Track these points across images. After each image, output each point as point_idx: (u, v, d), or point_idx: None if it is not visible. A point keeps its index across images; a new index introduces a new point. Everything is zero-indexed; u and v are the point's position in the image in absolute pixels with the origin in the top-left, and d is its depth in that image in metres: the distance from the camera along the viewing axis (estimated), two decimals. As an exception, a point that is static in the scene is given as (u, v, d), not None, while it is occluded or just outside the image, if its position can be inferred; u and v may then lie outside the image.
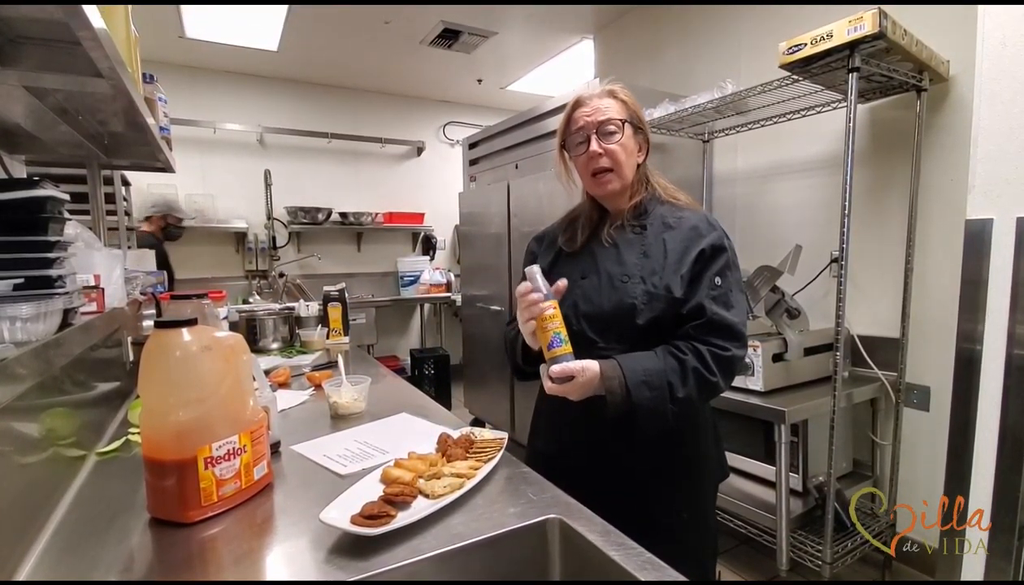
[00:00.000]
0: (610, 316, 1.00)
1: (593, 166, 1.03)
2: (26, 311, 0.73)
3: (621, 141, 1.01)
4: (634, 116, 1.04)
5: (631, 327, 0.98)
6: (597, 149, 1.01)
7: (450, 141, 5.15)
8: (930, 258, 1.93)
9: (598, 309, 1.02)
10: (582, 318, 1.02)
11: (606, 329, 1.01)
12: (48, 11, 0.79)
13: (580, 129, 1.03)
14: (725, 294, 0.98)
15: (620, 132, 1.01)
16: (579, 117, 1.03)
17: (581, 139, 1.03)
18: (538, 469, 0.92)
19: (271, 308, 2.15)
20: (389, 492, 0.76)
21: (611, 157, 1.01)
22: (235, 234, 4.31)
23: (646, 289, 0.99)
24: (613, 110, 1.02)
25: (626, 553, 0.66)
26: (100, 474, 0.94)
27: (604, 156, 1.01)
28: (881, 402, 2.06)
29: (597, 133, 1.01)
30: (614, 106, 1.03)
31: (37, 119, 1.21)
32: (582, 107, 1.04)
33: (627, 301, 0.99)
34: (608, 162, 1.01)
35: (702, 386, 0.93)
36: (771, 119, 2.22)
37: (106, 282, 1.24)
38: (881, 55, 1.65)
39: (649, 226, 1.05)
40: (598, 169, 1.02)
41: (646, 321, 0.98)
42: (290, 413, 1.30)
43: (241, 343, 0.86)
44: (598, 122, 1.01)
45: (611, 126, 1.01)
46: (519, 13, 3.28)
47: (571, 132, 1.05)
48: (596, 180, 1.04)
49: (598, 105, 1.02)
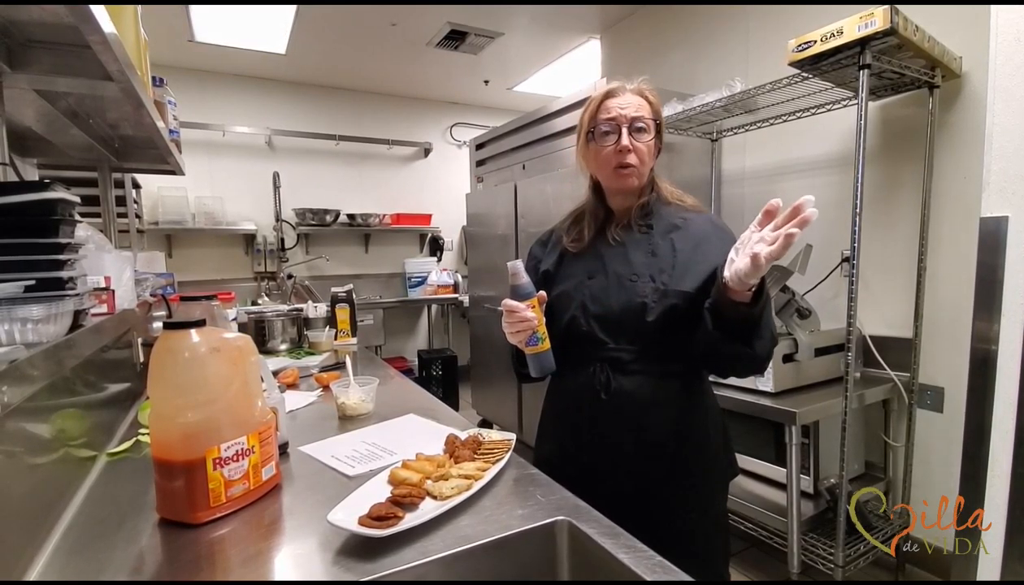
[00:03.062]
0: (620, 316, 1.00)
1: (620, 159, 1.01)
2: (37, 313, 0.73)
3: (649, 141, 1.01)
4: (659, 118, 1.04)
5: (642, 326, 0.98)
6: (627, 144, 1.00)
7: (457, 142, 5.15)
8: (943, 257, 1.90)
9: (607, 309, 1.01)
10: (592, 319, 1.02)
11: (616, 329, 1.00)
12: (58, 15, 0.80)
13: (611, 119, 1.01)
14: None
15: (650, 133, 1.01)
16: (611, 107, 1.02)
17: (611, 129, 1.01)
18: (546, 472, 0.92)
19: (279, 309, 2.16)
20: (397, 493, 0.75)
21: (638, 154, 1.01)
22: (244, 236, 4.34)
23: (655, 287, 0.98)
24: (645, 109, 1.02)
25: (636, 556, 0.65)
26: (110, 475, 0.95)
27: (632, 152, 1.00)
28: (893, 403, 2.03)
29: (630, 128, 1.00)
30: (645, 105, 1.02)
31: (49, 122, 1.22)
32: (615, 98, 1.02)
33: (637, 300, 0.98)
34: (635, 159, 1.01)
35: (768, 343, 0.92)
36: (780, 117, 2.20)
37: (116, 284, 1.25)
38: (892, 52, 1.63)
39: (655, 226, 1.04)
40: (624, 163, 1.01)
41: (656, 318, 0.97)
42: (298, 414, 1.30)
43: (249, 344, 0.86)
44: (631, 118, 1.00)
45: (643, 124, 1.00)
46: (525, 14, 3.28)
47: (600, 121, 1.02)
48: (618, 173, 1.03)
49: (632, 101, 1.01)
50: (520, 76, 4.43)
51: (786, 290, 1.94)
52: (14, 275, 0.73)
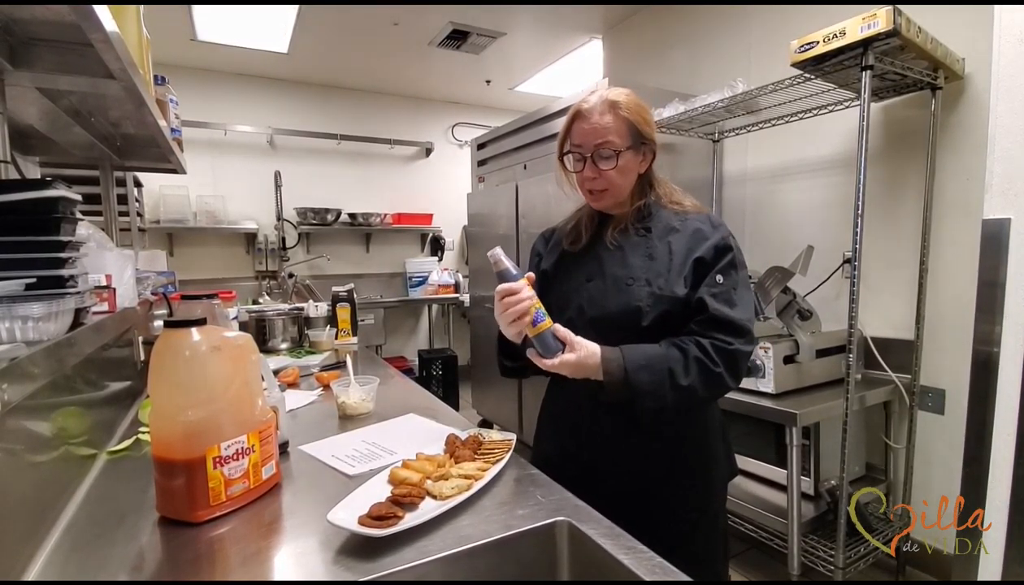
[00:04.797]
0: (616, 319, 1.00)
1: (587, 186, 1.03)
2: (38, 311, 0.73)
3: (613, 168, 0.99)
4: (636, 132, 1.00)
5: (637, 330, 0.98)
6: (591, 174, 1.00)
7: (458, 142, 5.15)
8: (945, 259, 1.90)
9: (604, 312, 1.01)
10: (588, 322, 1.02)
11: (612, 332, 1.00)
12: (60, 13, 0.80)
13: (578, 147, 1.01)
14: (728, 291, 0.96)
15: (614, 159, 0.98)
16: (576, 132, 1.00)
17: (578, 157, 1.01)
18: (545, 471, 0.91)
19: (280, 308, 2.16)
20: (397, 493, 0.75)
21: (605, 179, 1.00)
22: (245, 235, 4.34)
23: (651, 291, 0.98)
24: (613, 131, 0.97)
25: (636, 557, 0.65)
26: (110, 473, 0.95)
27: (598, 179, 1.00)
28: (895, 405, 2.03)
29: (593, 156, 0.99)
30: (614, 126, 0.98)
31: (51, 121, 1.22)
32: (581, 122, 1.00)
33: (632, 304, 0.99)
34: (603, 184, 1.01)
35: (706, 376, 0.91)
36: (782, 118, 2.20)
37: (118, 282, 1.25)
38: (895, 53, 1.63)
39: (654, 228, 1.04)
40: (592, 189, 1.02)
41: (651, 323, 0.97)
42: (298, 413, 1.30)
43: (250, 343, 0.86)
44: (595, 145, 0.98)
45: (607, 151, 0.98)
46: (528, 14, 3.28)
47: (569, 145, 1.03)
48: (590, 196, 1.05)
49: (598, 123, 0.98)
50: (522, 76, 4.43)
51: (787, 291, 1.94)
52: (15, 273, 0.73)
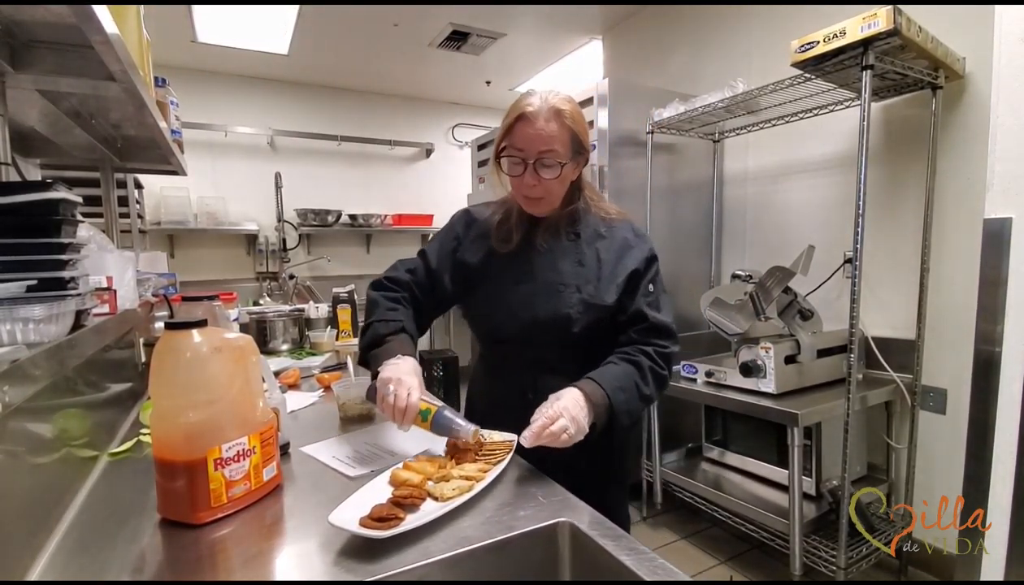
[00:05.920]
0: (546, 324, 1.03)
1: (525, 192, 1.01)
2: (39, 312, 0.73)
3: (554, 178, 0.99)
4: (577, 142, 1.00)
5: (566, 335, 1.02)
6: (532, 182, 0.99)
7: (459, 143, 5.15)
8: (946, 258, 1.90)
9: (534, 317, 1.03)
10: (519, 325, 1.04)
11: (541, 335, 1.04)
12: (60, 15, 0.80)
13: (519, 151, 0.98)
14: (657, 299, 1.06)
15: (556, 169, 0.98)
16: (520, 136, 0.98)
17: (518, 161, 0.99)
18: None
19: (281, 310, 2.16)
20: (398, 494, 0.75)
21: (544, 187, 1.00)
22: (246, 236, 4.34)
23: (581, 298, 1.02)
24: (557, 140, 0.97)
25: (638, 558, 0.65)
26: (112, 475, 0.95)
27: (538, 187, 1.00)
28: (896, 405, 2.03)
29: (535, 163, 0.97)
30: (558, 134, 0.97)
31: (51, 123, 1.23)
32: (525, 125, 0.97)
33: (563, 311, 1.02)
34: (541, 191, 1.00)
35: (658, 381, 1.01)
36: (782, 118, 2.20)
37: (118, 284, 1.25)
38: (895, 52, 1.63)
39: (582, 233, 1.07)
40: (530, 195, 1.02)
41: (580, 330, 1.02)
42: (299, 415, 1.30)
43: (251, 344, 0.86)
44: (539, 152, 0.97)
45: (551, 160, 0.97)
46: (528, 14, 3.28)
47: (510, 147, 1.00)
48: (526, 201, 1.04)
49: (543, 130, 0.96)
50: (522, 77, 4.43)
51: (788, 291, 1.93)
52: (16, 275, 0.73)
